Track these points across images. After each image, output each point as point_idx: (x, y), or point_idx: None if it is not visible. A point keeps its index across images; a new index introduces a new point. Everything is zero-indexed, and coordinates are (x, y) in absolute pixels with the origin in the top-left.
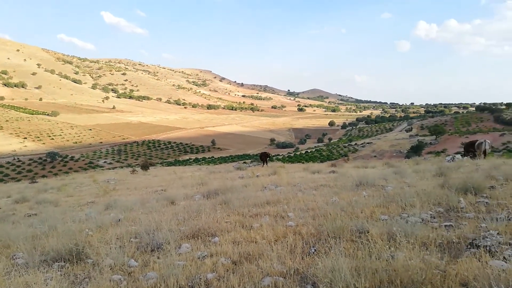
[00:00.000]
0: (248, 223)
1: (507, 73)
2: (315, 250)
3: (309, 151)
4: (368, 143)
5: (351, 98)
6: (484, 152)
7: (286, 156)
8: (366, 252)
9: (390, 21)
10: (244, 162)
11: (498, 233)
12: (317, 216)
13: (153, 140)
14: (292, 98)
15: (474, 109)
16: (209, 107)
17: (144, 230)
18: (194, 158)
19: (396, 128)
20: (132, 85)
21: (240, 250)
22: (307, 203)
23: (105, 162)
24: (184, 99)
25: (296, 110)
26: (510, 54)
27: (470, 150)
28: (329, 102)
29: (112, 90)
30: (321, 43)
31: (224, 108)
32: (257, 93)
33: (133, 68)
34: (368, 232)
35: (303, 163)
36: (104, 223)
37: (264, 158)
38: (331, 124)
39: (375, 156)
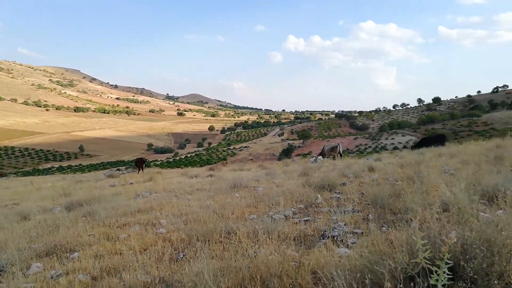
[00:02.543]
0: (114, 234)
1: (360, 85)
2: (183, 255)
3: (188, 156)
4: (245, 147)
5: (230, 104)
6: (339, 154)
7: (164, 161)
8: (233, 252)
9: (264, 33)
10: (117, 169)
11: (345, 224)
12: (190, 221)
13: (5, 146)
14: (171, 102)
15: (334, 116)
16: (77, 109)
17: None
18: (57, 166)
19: (270, 133)
20: None
21: (102, 264)
22: (181, 209)
23: None
24: (46, 101)
25: (176, 114)
26: (362, 69)
27: (325, 153)
28: (208, 107)
29: None
30: (199, 49)
31: (95, 111)
32: (133, 96)
33: None
34: (237, 232)
35: (182, 168)
36: None
37: (140, 164)
38: (211, 128)
39: (251, 159)
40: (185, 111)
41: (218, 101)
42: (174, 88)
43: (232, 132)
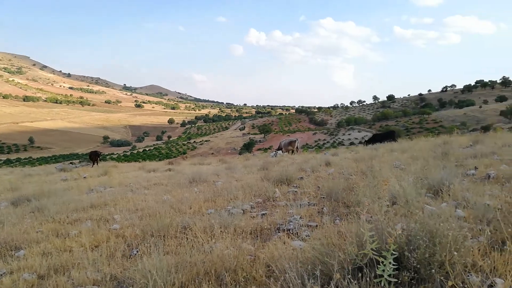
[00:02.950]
0: (64, 230)
1: (319, 81)
2: (137, 252)
3: (147, 150)
4: (206, 140)
5: (190, 96)
6: (297, 148)
7: (121, 155)
8: (189, 247)
9: (225, 25)
10: (70, 163)
11: (300, 217)
12: (145, 216)
13: None
14: (129, 93)
15: (294, 111)
16: (27, 98)
17: None
18: (5, 159)
19: (231, 127)
20: None
21: (50, 262)
22: (136, 204)
23: None
24: None
25: (134, 106)
26: (322, 65)
27: (282, 148)
28: (168, 99)
29: None
30: (159, 38)
31: (46, 100)
32: (88, 86)
33: None
34: (193, 227)
35: (139, 162)
36: None
37: (94, 157)
38: (171, 121)
39: (212, 153)
40: (144, 102)
41: (178, 93)
42: (132, 78)
43: (193, 125)
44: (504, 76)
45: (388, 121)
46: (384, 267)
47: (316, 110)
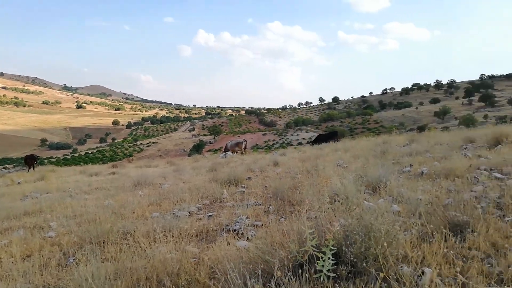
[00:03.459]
0: None
1: (268, 83)
2: (74, 260)
3: (89, 153)
4: (153, 142)
5: (137, 97)
6: (245, 149)
7: (61, 158)
8: (130, 253)
9: (174, 25)
10: (3, 168)
11: (247, 217)
12: (84, 222)
13: None
14: (69, 94)
15: (244, 112)
16: None
17: None
18: None
19: (180, 128)
20: None
21: None
22: (75, 209)
23: None
24: None
25: (75, 107)
26: (270, 68)
27: (228, 149)
28: (112, 100)
29: None
30: (103, 37)
31: None
32: (24, 86)
33: None
34: (135, 232)
35: (81, 165)
36: None
37: (30, 161)
38: (115, 123)
39: (160, 155)
40: (86, 103)
41: (124, 93)
42: (73, 78)
43: (139, 127)
44: (437, 80)
45: (334, 122)
46: (323, 262)
47: (265, 111)
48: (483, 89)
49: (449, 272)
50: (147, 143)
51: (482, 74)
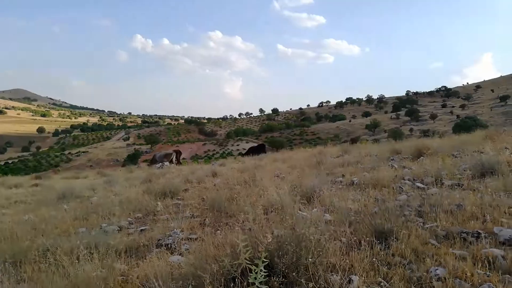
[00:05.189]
0: None
1: (209, 93)
2: None
3: (10, 162)
4: (83, 152)
5: (65, 103)
6: (176, 161)
7: None
8: (51, 272)
9: (109, 29)
10: None
11: (181, 231)
12: None
13: None
14: None
15: (183, 121)
16: None
17: None
18: None
19: (114, 137)
20: None
21: None
22: None
23: None
24: None
25: None
26: (210, 76)
27: (157, 160)
28: (38, 105)
29: None
30: (28, 38)
31: None
32: None
33: None
34: (57, 249)
35: None
36: None
37: None
38: (41, 130)
39: (91, 166)
40: (7, 108)
41: (51, 99)
42: None
43: (68, 135)
44: (368, 95)
45: (273, 133)
46: (256, 275)
47: (205, 121)
48: (408, 104)
49: (374, 279)
50: (76, 153)
51: (408, 90)
